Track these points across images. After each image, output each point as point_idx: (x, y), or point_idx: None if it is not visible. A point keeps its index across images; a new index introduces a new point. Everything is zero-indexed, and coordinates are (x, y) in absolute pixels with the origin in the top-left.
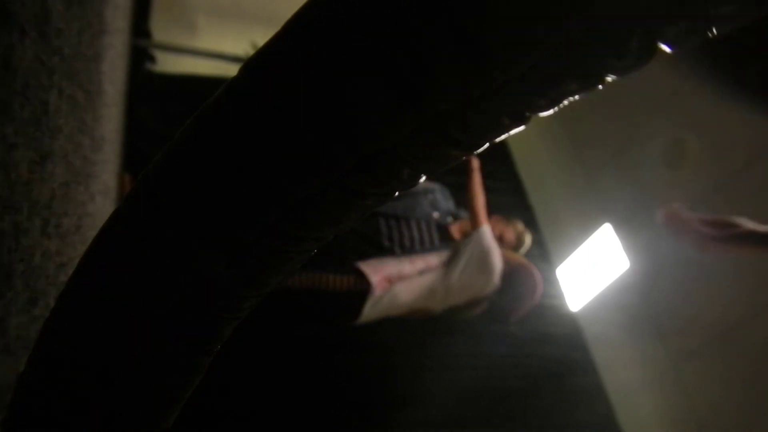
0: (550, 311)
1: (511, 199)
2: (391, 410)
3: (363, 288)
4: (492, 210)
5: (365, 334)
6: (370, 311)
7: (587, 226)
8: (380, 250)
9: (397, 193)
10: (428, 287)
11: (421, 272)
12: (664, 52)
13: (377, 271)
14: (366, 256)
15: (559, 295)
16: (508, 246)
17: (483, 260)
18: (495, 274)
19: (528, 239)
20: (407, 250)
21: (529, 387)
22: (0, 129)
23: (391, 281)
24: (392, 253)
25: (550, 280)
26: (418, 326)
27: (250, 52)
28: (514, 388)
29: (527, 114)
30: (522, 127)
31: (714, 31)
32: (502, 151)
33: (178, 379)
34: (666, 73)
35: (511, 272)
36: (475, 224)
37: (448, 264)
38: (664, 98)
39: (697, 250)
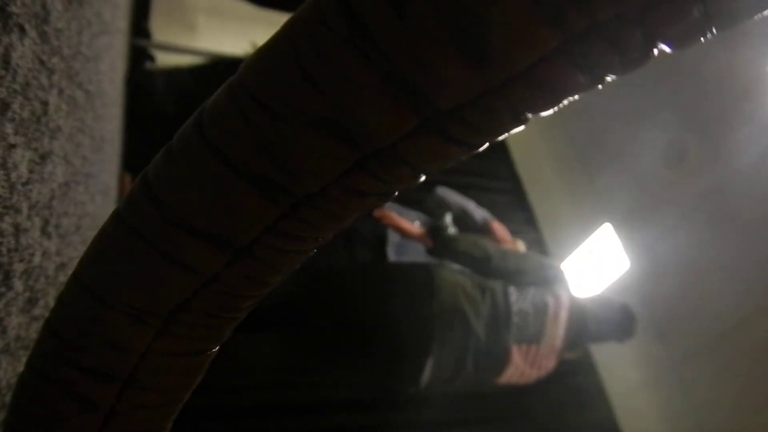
0: None
1: (511, 199)
2: (390, 410)
3: None
4: (491, 210)
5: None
6: None
7: (587, 226)
8: None
9: (396, 193)
10: None
11: None
12: (664, 51)
13: None
14: None
15: None
16: None
17: None
18: None
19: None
20: None
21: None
22: (0, 129)
23: None
24: None
25: None
26: None
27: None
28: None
29: (527, 114)
30: (522, 127)
31: (714, 30)
32: (502, 151)
33: (177, 380)
34: (666, 72)
35: None
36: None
37: None
38: (664, 98)
39: None
